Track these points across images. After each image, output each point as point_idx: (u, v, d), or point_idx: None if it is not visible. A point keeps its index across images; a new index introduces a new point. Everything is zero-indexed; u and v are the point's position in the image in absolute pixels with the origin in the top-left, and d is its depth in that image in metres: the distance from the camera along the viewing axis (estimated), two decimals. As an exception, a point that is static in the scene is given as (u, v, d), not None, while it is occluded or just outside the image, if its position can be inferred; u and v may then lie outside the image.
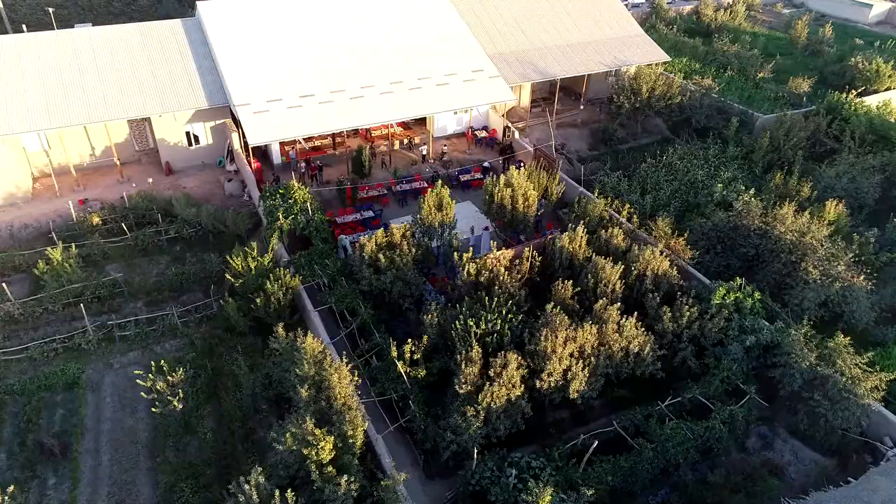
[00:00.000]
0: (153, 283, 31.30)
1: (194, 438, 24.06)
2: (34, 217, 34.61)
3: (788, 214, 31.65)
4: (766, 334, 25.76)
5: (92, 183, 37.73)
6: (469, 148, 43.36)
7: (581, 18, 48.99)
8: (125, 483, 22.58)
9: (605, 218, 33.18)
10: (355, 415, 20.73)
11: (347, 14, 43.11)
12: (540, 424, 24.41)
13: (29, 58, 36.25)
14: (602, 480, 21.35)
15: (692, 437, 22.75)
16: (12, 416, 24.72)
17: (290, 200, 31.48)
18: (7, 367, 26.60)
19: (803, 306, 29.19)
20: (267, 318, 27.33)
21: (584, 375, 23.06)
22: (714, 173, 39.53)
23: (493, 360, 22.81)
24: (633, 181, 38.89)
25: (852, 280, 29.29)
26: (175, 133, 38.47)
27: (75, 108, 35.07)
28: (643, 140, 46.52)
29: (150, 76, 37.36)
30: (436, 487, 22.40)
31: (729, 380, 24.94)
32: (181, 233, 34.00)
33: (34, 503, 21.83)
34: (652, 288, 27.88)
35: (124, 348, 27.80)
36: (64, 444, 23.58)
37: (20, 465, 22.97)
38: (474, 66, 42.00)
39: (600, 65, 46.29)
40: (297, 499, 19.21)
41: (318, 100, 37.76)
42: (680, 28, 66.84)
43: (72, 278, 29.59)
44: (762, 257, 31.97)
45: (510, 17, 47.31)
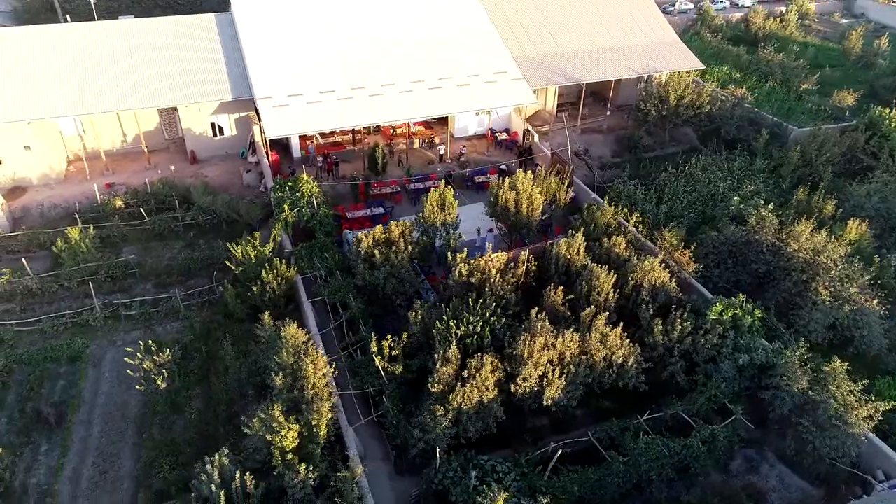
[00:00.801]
0: (164, 266, 32.50)
1: (180, 418, 24.90)
2: (64, 198, 36.42)
3: (804, 231, 30.43)
4: (761, 354, 24.88)
5: (121, 168, 39.42)
6: (488, 150, 43.30)
7: (614, 23, 48.23)
8: (110, 455, 23.58)
9: (613, 226, 32.61)
10: (322, 405, 21.07)
11: (375, 10, 43.71)
12: (518, 429, 24.26)
13: (69, 47, 38.15)
14: (567, 490, 21.08)
15: (668, 454, 22.19)
16: (17, 384, 26.14)
17: (298, 193, 32.17)
18: (19, 338, 28.13)
19: (809, 328, 28.08)
20: (263, 307, 28.00)
21: (561, 383, 22.79)
22: (737, 186, 38.33)
23: (468, 361, 22.79)
24: (650, 190, 38.09)
25: (865, 304, 27.96)
26: (200, 123, 39.81)
27: (107, 96, 36.73)
28: (670, 149, 45.44)
29: (180, 67, 38.79)
30: (405, 484, 22.55)
31: (716, 398, 24.18)
32: (197, 220, 35.18)
33: (24, 468, 23.01)
34: (648, 299, 27.30)
35: (128, 327, 29.00)
36: (60, 414, 24.80)
37: (17, 430, 24.29)
38: (497, 68, 41.94)
39: (629, 71, 45.48)
40: (257, 483, 19.74)
41: (337, 96, 38.44)
42: (725, 36, 64.95)
43: (87, 257, 31.05)
44: (774, 275, 30.86)
45: (541, 20, 46.99)
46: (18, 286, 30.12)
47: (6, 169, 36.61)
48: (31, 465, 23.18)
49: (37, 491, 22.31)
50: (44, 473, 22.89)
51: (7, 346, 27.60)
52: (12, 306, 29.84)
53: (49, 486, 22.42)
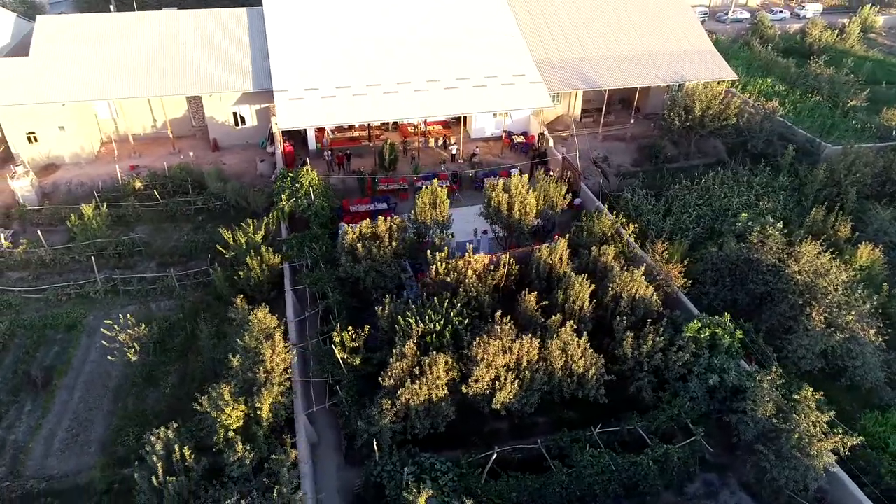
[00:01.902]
0: (170, 247, 34.04)
1: (155, 391, 26.08)
2: (90, 177, 38.64)
3: (807, 252, 28.97)
4: (733, 376, 23.92)
5: (148, 151, 41.45)
6: (502, 152, 43.12)
7: (646, 29, 47.11)
8: (85, 420, 24.97)
9: (609, 235, 31.97)
10: (271, 389, 21.67)
11: (402, 8, 44.18)
12: (476, 432, 24.21)
13: (108, 36, 40.34)
14: (504, 495, 20.92)
15: (615, 470, 21.66)
16: (16, 347, 28.01)
17: (297, 184, 33.03)
18: (26, 304, 30.11)
19: (799, 354, 26.77)
20: (248, 291, 29.01)
21: (514, 388, 22.60)
22: (754, 202, 36.85)
23: (423, 358, 22.93)
24: (660, 201, 37.10)
25: (861, 333, 26.42)
26: (223, 112, 41.38)
27: (137, 82, 38.68)
28: (695, 161, 44.02)
29: (208, 58, 40.43)
30: (351, 474, 22.87)
31: (678, 418, 23.42)
32: (207, 204, 36.65)
33: (7, 425, 24.66)
34: (627, 311, 26.68)
35: (125, 301, 30.55)
36: (47, 378, 26.44)
37: (8, 389, 26.04)
38: (517, 70, 41.74)
39: (655, 79, 44.36)
40: (198, 458, 20.54)
41: (352, 91, 39.18)
42: (777, 47, 62.25)
43: (98, 234, 32.88)
44: (773, 297, 29.55)
45: (569, 23, 46.44)
46: (33, 256, 32.23)
47: (41, 147, 39.13)
48: (14, 422, 24.82)
49: (13, 447, 23.88)
50: (23, 431, 24.47)
51: (13, 311, 29.60)
52: (26, 274, 31.94)
53: (25, 444, 23.96)
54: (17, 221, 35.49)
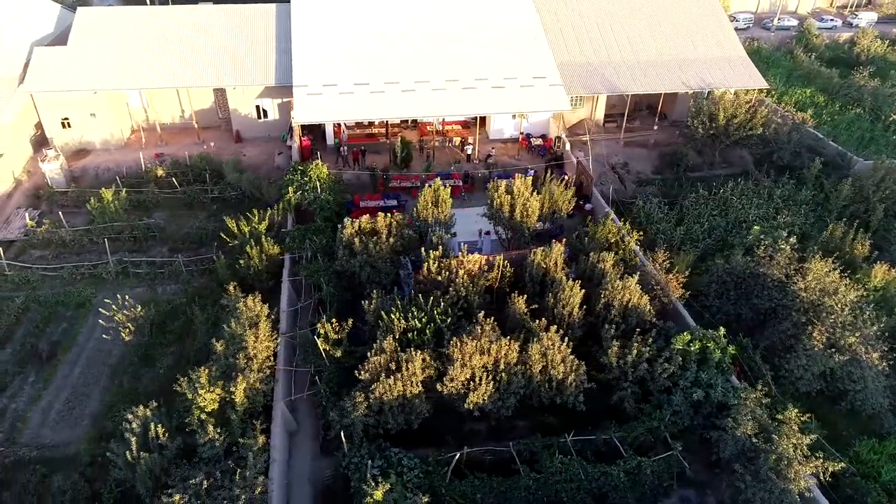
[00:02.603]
0: (183, 233, 35.14)
1: (151, 371, 27.02)
2: (117, 162, 40.24)
3: (815, 269, 27.88)
4: (719, 392, 23.27)
5: (174, 140, 42.87)
6: (518, 154, 42.89)
7: (676, 34, 46.10)
8: (82, 394, 26.08)
9: (613, 242, 31.43)
10: (248, 375, 22.20)
11: (427, 6, 44.34)
12: (454, 431, 24.23)
13: (142, 28, 41.91)
14: (467, 495, 20.93)
15: (584, 478, 21.37)
16: (29, 321, 29.44)
17: (305, 177, 33.66)
18: (43, 281, 31.60)
19: (796, 374, 25.82)
20: (248, 279, 29.76)
21: (488, 389, 22.53)
22: (772, 215, 35.67)
23: (400, 354, 23.10)
24: (673, 210, 36.30)
25: (864, 356, 25.31)
26: (247, 105, 42.46)
27: (166, 73, 40.08)
28: (719, 170, 42.85)
29: (234, 52, 41.56)
30: (325, 464, 23.21)
31: (657, 430, 22.93)
32: (223, 194, 37.68)
33: (10, 394, 25.98)
34: (618, 320, 26.27)
35: (134, 283, 31.73)
36: (52, 352, 27.73)
37: (16, 361, 27.42)
38: (537, 73, 41.46)
39: (681, 85, 43.37)
40: (173, 437, 21.24)
41: (370, 89, 39.65)
42: (822, 56, 59.94)
43: (115, 217, 34.23)
44: (777, 313, 28.58)
45: (595, 26, 45.84)
46: (54, 236, 33.76)
47: (74, 132, 40.94)
48: (17, 392, 26.13)
49: (13, 415, 25.14)
50: (24, 401, 25.74)
51: (30, 287, 31.11)
52: (46, 253, 33.51)
53: (24, 413, 25.21)
54: (45, 202, 37.25)
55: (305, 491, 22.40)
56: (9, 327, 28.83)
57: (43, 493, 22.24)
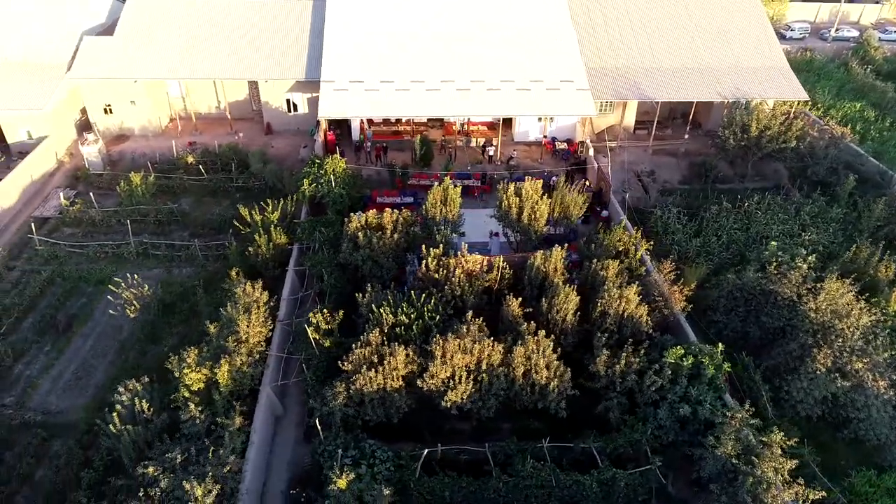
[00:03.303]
0: (205, 219, 36.41)
1: (156, 348, 28.14)
2: (153, 148, 42.01)
3: (829, 289, 26.69)
4: (706, 409, 22.62)
5: (208, 130, 44.46)
6: (542, 157, 42.57)
7: (715, 41, 44.85)
8: (90, 366, 27.42)
9: (621, 250, 30.89)
10: (234, 358, 22.91)
11: (460, 5, 44.44)
12: (435, 428, 24.34)
13: (185, 19, 43.59)
14: (435, 492, 21.04)
15: (555, 486, 21.16)
16: (52, 294, 31.11)
17: (321, 170, 34.37)
18: (70, 258, 33.31)
19: (796, 397, 24.85)
20: (257, 266, 30.66)
21: (467, 389, 22.57)
22: (797, 232, 34.33)
23: (384, 348, 23.38)
24: (692, 221, 35.38)
25: (871, 384, 24.13)
26: (278, 98, 43.63)
27: (202, 64, 41.58)
28: (751, 183, 41.47)
29: (269, 45, 42.77)
30: (306, 450, 23.71)
31: (638, 443, 22.47)
32: (247, 183, 38.84)
33: (26, 361, 27.54)
34: (613, 329, 25.87)
35: (153, 264, 33.09)
36: (69, 324, 29.23)
37: (36, 330, 29.03)
38: (565, 76, 41.10)
39: (715, 94, 42.19)
40: (158, 413, 22.15)
41: (395, 86, 40.16)
42: (880, 69, 57.14)
43: (141, 201, 35.80)
44: (786, 334, 27.54)
45: (630, 30, 45.05)
46: (85, 216, 35.56)
47: (115, 118, 42.97)
48: (32, 360, 27.68)
49: (25, 381, 26.66)
50: (37, 368, 27.25)
51: (58, 263, 32.84)
52: (77, 231, 35.32)
53: (35, 380, 26.69)
54: (82, 183, 39.25)
55: (283, 475, 22.95)
56: (33, 298, 30.54)
57: (41, 456, 23.52)
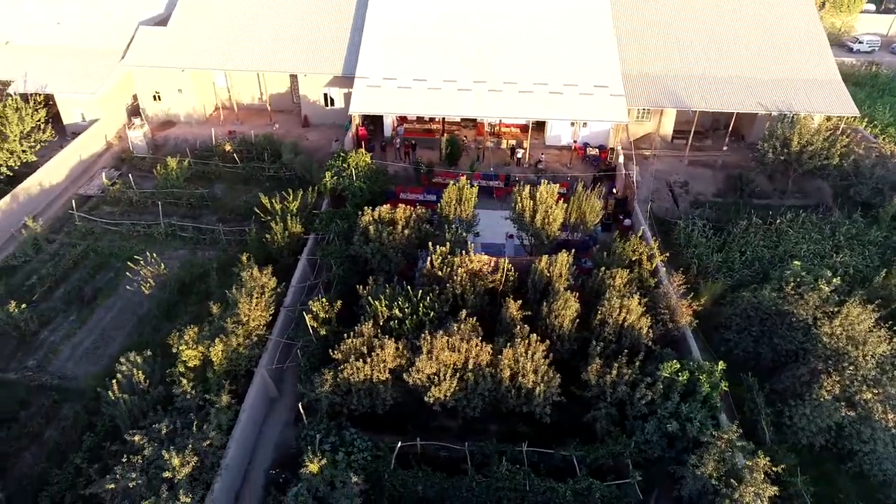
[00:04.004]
0: (233, 205, 37.76)
1: (170, 325, 29.29)
2: (194, 135, 43.84)
3: (849, 314, 25.41)
4: (695, 427, 21.96)
5: (249, 120, 46.02)
6: (571, 163, 42.06)
7: (763, 50, 43.20)
8: (108, 337, 28.94)
9: (634, 259, 30.26)
10: (230, 339, 23.75)
11: (501, 5, 44.36)
12: (423, 423, 24.54)
13: (234, 11, 45.12)
14: (408, 485, 21.24)
15: (528, 490, 21.00)
16: (84, 267, 32.94)
17: (344, 164, 35.09)
18: (105, 235, 35.19)
19: (798, 424, 23.80)
20: (273, 253, 31.64)
21: (451, 386, 22.65)
22: (829, 253, 32.78)
23: (375, 340, 23.74)
24: (718, 235, 34.29)
25: (880, 416, 22.86)
26: (315, 92, 44.72)
27: (246, 57, 43.06)
28: (790, 200, 39.78)
29: (310, 39, 43.87)
30: (294, 433, 24.32)
31: (620, 456, 22.03)
32: (278, 173, 40.03)
33: (51, 328, 29.29)
34: (611, 338, 25.45)
35: (179, 245, 34.57)
36: (94, 296, 30.92)
37: (64, 300, 30.83)
38: (600, 81, 40.52)
39: (756, 105, 40.67)
40: (155, 385, 23.21)
41: (428, 85, 40.52)
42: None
43: (175, 184, 37.44)
44: (799, 357, 26.41)
45: (673, 35, 43.92)
46: (123, 196, 37.48)
47: (163, 105, 45.05)
48: (57, 327, 29.43)
49: (48, 347, 28.37)
50: (60, 336, 28.95)
51: (93, 238, 34.76)
52: (115, 210, 37.27)
53: (57, 346, 28.38)
54: (126, 165, 41.35)
55: (269, 455, 23.63)
56: (66, 270, 32.45)
57: (52, 417, 25.02)
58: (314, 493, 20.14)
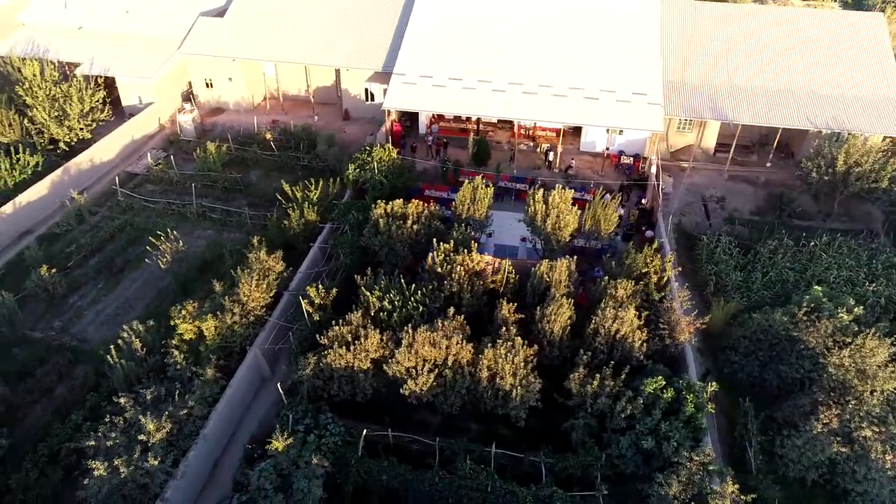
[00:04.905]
0: (265, 191, 39.21)
1: (186, 300, 30.85)
2: (241, 122, 45.78)
3: (864, 346, 23.93)
4: (671, 446, 21.28)
5: (293, 111, 47.60)
6: (603, 170, 41.24)
7: (819, 64, 40.99)
8: (129, 306, 30.76)
9: (643, 271, 29.48)
10: (224, 316, 24.80)
11: (546, 8, 43.93)
12: (404, 416, 24.83)
13: (289, 4, 46.77)
14: (372, 473, 21.60)
15: (489, 492, 20.94)
16: (120, 240, 35.07)
17: (369, 158, 35.82)
18: (143, 211, 37.32)
19: (789, 456, 22.63)
20: (290, 239, 32.74)
21: (427, 381, 22.83)
22: (862, 281, 30.86)
23: (360, 329, 24.23)
24: (746, 254, 32.89)
25: (878, 456, 21.43)
26: (357, 87, 45.78)
27: (292, 49, 44.56)
28: (835, 224, 37.64)
29: (355, 34, 44.81)
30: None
31: (590, 468, 21.61)
32: (311, 163, 41.25)
33: (80, 294, 31.38)
34: (602, 349, 24.99)
35: (208, 226, 36.25)
36: (122, 268, 32.90)
37: (96, 270, 32.93)
38: (638, 88, 39.56)
39: (805, 122, 38.63)
40: (151, 354, 24.55)
41: (462, 84, 40.67)
42: None
43: (212, 168, 39.25)
44: (805, 386, 25.10)
45: (724, 44, 42.27)
46: (165, 176, 39.61)
47: (214, 92, 47.24)
48: (85, 293, 31.52)
49: (74, 310, 30.45)
50: (86, 301, 31.01)
51: (132, 213, 36.94)
52: (156, 188, 39.46)
53: (82, 310, 30.40)
54: (174, 147, 43.63)
55: (252, 430, 24.48)
56: (102, 242, 34.67)
57: (64, 376, 26.84)
58: (279, 471, 20.81)
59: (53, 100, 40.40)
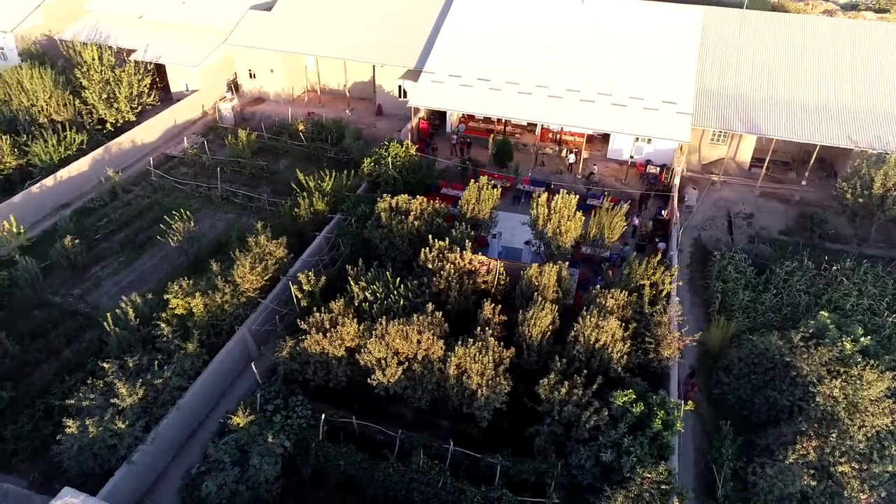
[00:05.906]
0: (289, 179, 40.35)
1: (197, 279, 32.31)
2: (278, 112, 47.38)
3: (867, 378, 22.59)
4: (630, 462, 20.74)
5: (329, 104, 48.88)
6: (626, 178, 40.28)
7: (865, 79, 38.65)
8: (142, 280, 32.44)
9: (641, 283, 28.71)
10: (213, 296, 25.86)
11: (583, 14, 43.36)
12: (378, 407, 25.18)
13: (326, 2, 48.11)
14: (331, 458, 22.09)
15: (439, 487, 21.01)
16: (146, 218, 37.00)
17: (385, 153, 36.37)
18: (174, 191, 39.24)
19: (759, 486, 21.62)
20: (300, 226, 33.71)
21: (395, 373, 23.10)
22: (883, 310, 29.04)
23: (335, 317, 24.75)
24: (762, 274, 31.52)
25: (853, 494, 20.19)
26: (390, 83, 46.50)
27: (330, 44, 45.77)
28: (872, 249, 35.56)
29: (391, 32, 45.63)
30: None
31: (544, 475, 21.33)
32: (337, 155, 42.25)
33: (101, 266, 33.32)
34: (581, 358, 24.59)
35: (230, 209, 37.76)
36: (143, 244, 34.73)
37: (120, 244, 34.87)
38: (668, 97, 38.53)
39: (844, 139, 36.59)
40: (142, 324, 25.87)
41: (490, 85, 40.73)
42: None
43: (242, 155, 40.84)
44: (794, 415, 23.90)
45: (764, 57, 40.44)
46: (198, 159, 41.51)
47: (256, 82, 49.06)
48: (107, 265, 33.46)
49: (94, 280, 32.40)
50: (107, 272, 32.93)
51: (162, 193, 38.92)
52: (189, 171, 41.39)
53: (101, 280, 32.32)
54: (213, 133, 45.60)
55: (230, 405, 25.37)
56: (130, 218, 36.71)
57: (73, 340, 28.63)
58: (240, 446, 21.59)
59: (106, 83, 43.02)
